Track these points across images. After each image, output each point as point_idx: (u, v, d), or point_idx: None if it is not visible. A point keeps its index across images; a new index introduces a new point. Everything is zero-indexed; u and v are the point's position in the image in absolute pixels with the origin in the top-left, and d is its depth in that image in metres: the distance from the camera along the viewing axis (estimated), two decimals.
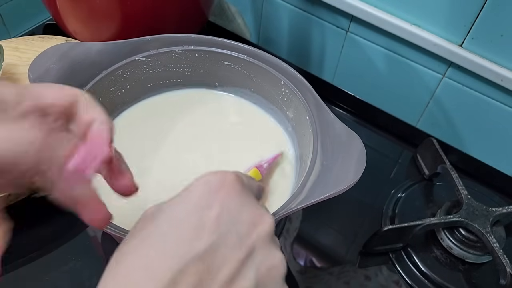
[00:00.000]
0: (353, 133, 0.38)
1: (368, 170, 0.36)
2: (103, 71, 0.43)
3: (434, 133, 0.61)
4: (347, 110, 0.66)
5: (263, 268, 0.22)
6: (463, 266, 0.50)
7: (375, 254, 0.50)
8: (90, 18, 0.55)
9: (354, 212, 0.54)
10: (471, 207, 0.50)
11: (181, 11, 0.57)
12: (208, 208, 0.21)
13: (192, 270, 0.19)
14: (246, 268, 0.21)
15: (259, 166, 0.42)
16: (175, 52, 0.46)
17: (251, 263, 0.21)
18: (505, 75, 0.53)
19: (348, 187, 0.34)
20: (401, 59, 0.62)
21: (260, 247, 0.22)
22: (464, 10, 0.53)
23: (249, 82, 0.48)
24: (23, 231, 0.47)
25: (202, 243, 0.20)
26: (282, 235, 0.51)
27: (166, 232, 0.21)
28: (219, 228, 0.21)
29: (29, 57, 0.57)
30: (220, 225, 0.21)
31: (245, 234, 0.22)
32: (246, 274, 0.21)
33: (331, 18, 0.65)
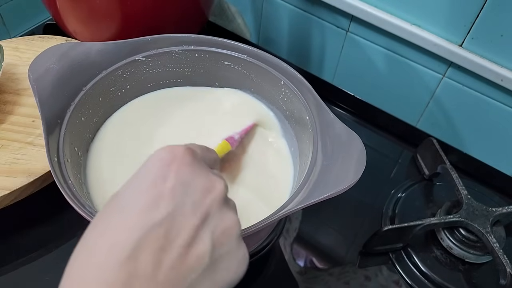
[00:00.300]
0: (353, 133, 0.38)
1: (368, 170, 0.36)
2: (103, 71, 0.43)
3: (434, 133, 0.61)
4: (347, 110, 0.66)
5: (218, 231, 0.23)
6: (463, 266, 0.50)
7: (375, 254, 0.50)
8: (90, 18, 0.55)
9: (354, 212, 0.54)
10: (471, 207, 0.50)
11: (181, 11, 0.57)
12: (163, 181, 0.23)
13: (152, 237, 0.21)
14: (201, 233, 0.22)
15: (230, 138, 0.42)
16: (175, 52, 0.46)
17: (206, 228, 0.23)
18: (505, 75, 0.53)
19: (348, 187, 0.34)
20: (401, 59, 0.62)
21: (214, 212, 0.23)
22: (464, 10, 0.53)
23: (249, 82, 0.48)
24: (23, 231, 0.47)
25: (160, 212, 0.22)
26: (282, 235, 0.51)
27: (126, 206, 0.22)
28: (174, 198, 0.22)
29: (29, 57, 0.57)
30: (175, 196, 0.22)
31: (199, 201, 0.23)
32: (202, 238, 0.22)
33: (331, 18, 0.65)
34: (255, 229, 0.32)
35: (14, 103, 0.53)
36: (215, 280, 0.23)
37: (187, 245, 0.21)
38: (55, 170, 0.35)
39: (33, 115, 0.52)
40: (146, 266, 0.20)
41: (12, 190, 0.44)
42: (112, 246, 0.20)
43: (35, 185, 0.46)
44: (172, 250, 0.21)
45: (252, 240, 0.39)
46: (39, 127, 0.50)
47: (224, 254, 0.23)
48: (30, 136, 0.50)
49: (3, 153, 0.48)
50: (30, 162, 0.47)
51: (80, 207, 0.32)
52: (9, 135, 0.50)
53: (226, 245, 0.23)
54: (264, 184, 0.43)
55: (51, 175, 0.36)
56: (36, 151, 0.48)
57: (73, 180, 0.36)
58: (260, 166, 0.45)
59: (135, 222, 0.21)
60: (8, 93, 0.54)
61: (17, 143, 0.49)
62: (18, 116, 0.52)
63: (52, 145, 0.36)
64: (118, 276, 0.20)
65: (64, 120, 0.39)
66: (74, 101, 0.41)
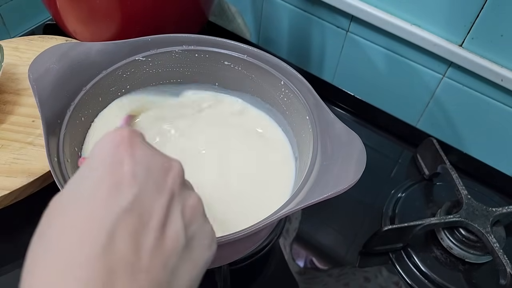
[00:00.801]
0: (353, 133, 0.38)
1: (368, 170, 0.36)
2: (103, 71, 0.43)
3: (434, 133, 0.61)
4: (347, 110, 0.66)
5: (186, 209, 0.22)
6: (463, 266, 0.50)
7: (375, 254, 0.50)
8: (90, 18, 0.55)
9: (354, 212, 0.54)
10: (471, 207, 0.50)
11: (181, 11, 0.57)
12: (120, 164, 0.21)
13: (125, 223, 0.19)
14: (172, 212, 0.21)
15: None
16: (175, 52, 0.46)
17: (175, 206, 0.22)
18: (505, 75, 0.53)
19: (348, 187, 0.34)
20: (401, 59, 0.62)
21: (178, 190, 0.23)
22: (464, 10, 0.53)
23: (249, 82, 0.48)
24: (23, 231, 0.47)
25: (126, 197, 0.20)
26: (282, 235, 0.51)
27: (89, 197, 0.20)
28: (136, 179, 0.21)
29: (29, 57, 0.57)
30: (136, 177, 0.21)
31: (161, 181, 0.22)
32: (173, 217, 0.21)
33: (331, 18, 0.65)
34: (255, 229, 0.32)
35: (14, 103, 0.53)
36: (194, 260, 0.22)
37: (161, 226, 0.20)
38: (55, 170, 0.35)
39: (33, 115, 0.52)
40: (125, 253, 0.19)
41: (12, 190, 0.44)
42: (82, 239, 0.18)
43: (35, 185, 0.46)
44: (148, 233, 0.20)
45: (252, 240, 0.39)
46: (39, 127, 0.50)
47: (196, 231, 0.23)
48: (30, 136, 0.50)
49: (3, 153, 0.48)
50: (30, 162, 0.47)
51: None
52: (9, 135, 0.50)
53: (195, 222, 0.23)
54: (264, 184, 0.43)
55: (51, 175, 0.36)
56: (36, 151, 0.48)
57: None
58: (260, 166, 0.45)
59: (101, 211, 0.19)
60: (8, 93, 0.54)
61: (17, 143, 0.49)
62: (18, 116, 0.52)
63: (52, 145, 0.36)
64: (97, 270, 0.18)
65: (64, 120, 0.39)
66: (74, 101, 0.41)
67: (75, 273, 0.18)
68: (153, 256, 0.19)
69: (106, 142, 0.23)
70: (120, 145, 0.22)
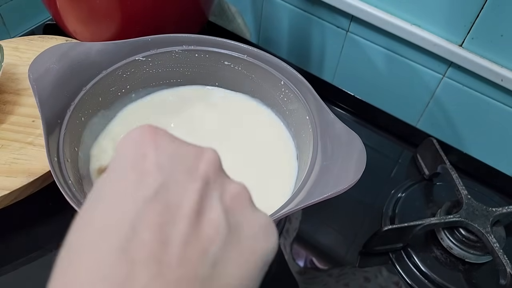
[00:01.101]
0: (353, 133, 0.38)
1: (368, 170, 0.36)
2: (103, 71, 0.43)
3: (434, 133, 0.61)
4: (347, 110, 0.66)
5: (226, 196, 0.20)
6: (463, 266, 0.50)
7: (375, 254, 0.50)
8: (90, 18, 0.55)
9: (354, 212, 0.54)
10: (471, 207, 0.50)
11: (181, 11, 0.57)
12: (143, 157, 0.20)
13: (149, 213, 0.17)
14: (208, 198, 0.19)
15: None
16: (175, 52, 0.46)
17: (212, 192, 0.19)
18: (505, 75, 0.53)
19: (348, 187, 0.34)
20: (401, 59, 0.62)
21: (214, 176, 0.20)
22: (464, 10, 0.53)
23: (249, 82, 0.48)
24: (23, 231, 0.47)
25: (150, 187, 0.18)
26: (282, 235, 0.51)
27: (111, 194, 0.19)
28: (162, 169, 0.19)
29: (29, 57, 0.57)
30: (162, 166, 0.19)
31: (193, 167, 0.20)
32: (211, 203, 0.19)
33: (331, 18, 0.65)
34: None
35: (14, 103, 0.53)
36: (244, 250, 0.19)
37: (195, 212, 0.18)
38: (55, 170, 0.35)
39: (33, 115, 0.52)
40: (149, 247, 0.16)
41: (12, 190, 0.44)
42: (102, 236, 0.17)
43: (35, 185, 0.46)
44: (179, 222, 0.17)
45: None
46: (39, 127, 0.50)
47: (243, 221, 0.20)
48: (30, 136, 0.50)
49: (3, 153, 0.48)
50: (30, 162, 0.47)
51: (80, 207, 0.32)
52: (9, 135, 0.50)
53: (240, 212, 0.20)
54: (264, 184, 0.43)
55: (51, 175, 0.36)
56: (36, 151, 0.48)
57: (73, 180, 0.36)
58: (259, 166, 0.45)
59: (124, 205, 0.18)
60: (8, 93, 0.54)
61: (17, 143, 0.49)
62: (18, 116, 0.52)
63: (52, 145, 0.36)
64: (117, 267, 0.16)
65: (64, 120, 0.39)
66: (74, 101, 0.41)
67: (98, 271, 0.16)
68: (187, 247, 0.17)
69: (127, 139, 0.21)
70: (143, 139, 0.20)
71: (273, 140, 0.47)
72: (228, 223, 0.19)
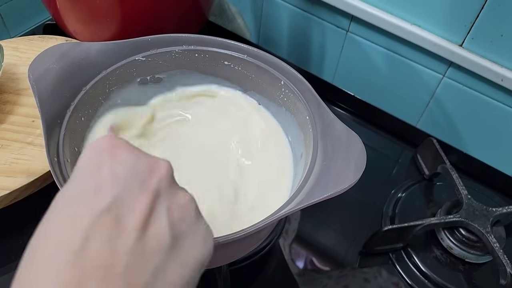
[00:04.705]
0: (353, 133, 0.38)
1: (368, 170, 0.36)
2: (103, 71, 0.43)
3: (434, 133, 0.61)
4: (347, 110, 0.66)
5: (174, 208, 0.22)
6: (463, 266, 0.50)
7: (375, 254, 0.50)
8: (90, 18, 0.55)
9: (354, 212, 0.54)
10: (471, 207, 0.50)
11: (181, 11, 0.57)
12: (101, 168, 0.21)
13: (101, 225, 0.19)
14: (156, 211, 0.21)
15: None
16: (175, 52, 0.46)
17: (160, 206, 0.21)
18: (505, 75, 0.53)
19: (348, 187, 0.34)
20: (401, 59, 0.62)
21: (165, 190, 0.22)
22: (464, 10, 0.53)
23: (249, 82, 0.48)
24: (23, 231, 0.47)
25: (104, 199, 0.20)
26: (282, 235, 0.51)
27: (70, 202, 0.21)
28: (117, 182, 0.21)
29: (29, 57, 0.57)
30: (117, 179, 0.21)
31: (145, 180, 0.22)
32: (158, 217, 0.21)
33: (331, 18, 0.65)
34: (255, 229, 0.32)
35: (14, 103, 0.53)
36: (183, 260, 0.21)
37: (141, 226, 0.20)
38: (55, 170, 0.35)
39: (33, 115, 0.52)
40: (99, 257, 0.18)
41: (12, 190, 0.44)
42: (58, 244, 0.19)
43: (35, 185, 0.46)
44: (126, 234, 0.19)
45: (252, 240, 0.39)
46: (39, 127, 0.50)
47: (185, 231, 0.22)
48: (30, 136, 0.50)
49: (3, 153, 0.48)
50: (30, 162, 0.47)
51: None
52: (9, 135, 0.50)
53: (184, 222, 0.22)
54: (264, 184, 0.43)
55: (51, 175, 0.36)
56: (36, 151, 0.48)
57: None
58: (259, 166, 0.45)
59: (79, 214, 0.20)
60: (8, 93, 0.54)
61: (17, 143, 0.49)
62: (18, 116, 0.52)
63: (52, 145, 0.36)
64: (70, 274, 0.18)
65: (64, 120, 0.39)
66: (74, 101, 0.41)
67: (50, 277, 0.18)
68: (132, 257, 0.19)
69: (89, 150, 0.23)
70: (102, 151, 0.22)
71: (273, 140, 0.47)
72: (172, 234, 0.21)
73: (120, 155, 0.22)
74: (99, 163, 0.22)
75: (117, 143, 0.23)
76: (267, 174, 0.44)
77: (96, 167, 0.22)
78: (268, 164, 0.45)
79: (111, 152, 0.22)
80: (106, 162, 0.22)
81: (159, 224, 0.20)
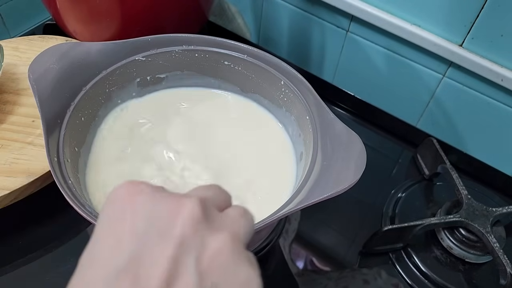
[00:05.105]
0: (353, 133, 0.38)
1: (368, 170, 0.36)
2: (103, 71, 0.43)
3: (434, 133, 0.61)
4: (347, 110, 0.66)
5: (205, 256, 0.19)
6: (463, 266, 0.50)
7: (375, 254, 0.50)
8: (90, 18, 0.55)
9: (354, 212, 0.54)
10: (471, 207, 0.50)
11: (181, 11, 0.57)
12: (121, 221, 0.20)
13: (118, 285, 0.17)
14: (181, 262, 0.18)
15: None
16: (175, 52, 0.46)
17: (187, 254, 0.19)
18: (505, 75, 0.53)
19: (348, 187, 0.34)
20: (401, 59, 0.62)
21: (191, 234, 0.19)
22: (464, 10, 0.53)
23: (249, 82, 0.48)
24: (23, 231, 0.47)
25: (122, 256, 0.18)
26: (282, 235, 0.51)
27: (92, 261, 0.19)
28: (136, 235, 0.19)
29: (29, 57, 0.57)
30: (136, 232, 0.19)
31: (167, 228, 0.19)
32: (184, 269, 0.18)
33: (331, 18, 0.65)
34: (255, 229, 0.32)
35: (14, 103, 0.53)
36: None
37: (166, 281, 0.18)
38: (55, 170, 0.35)
39: (33, 115, 0.52)
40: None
41: (12, 190, 0.44)
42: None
43: (35, 185, 0.46)
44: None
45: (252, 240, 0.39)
46: (39, 127, 0.50)
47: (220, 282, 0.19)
48: (30, 136, 0.50)
49: (3, 153, 0.48)
50: (30, 162, 0.47)
51: (80, 207, 0.32)
52: (9, 135, 0.50)
53: (218, 272, 0.19)
54: (264, 184, 0.43)
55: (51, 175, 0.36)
56: (36, 151, 0.48)
57: (73, 180, 0.36)
58: (259, 166, 0.45)
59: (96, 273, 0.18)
60: (8, 93, 0.54)
61: (17, 143, 0.49)
62: (18, 116, 0.52)
63: (52, 145, 0.36)
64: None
65: (64, 120, 0.39)
66: (74, 101, 0.41)
67: None
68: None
69: (110, 199, 0.21)
70: (123, 200, 0.21)
71: (272, 140, 0.47)
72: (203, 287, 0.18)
73: (140, 203, 0.20)
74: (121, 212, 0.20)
75: (135, 190, 0.21)
76: (267, 174, 0.44)
77: (118, 219, 0.20)
78: (268, 164, 0.45)
79: (131, 202, 0.20)
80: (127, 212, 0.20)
81: (187, 277, 0.18)
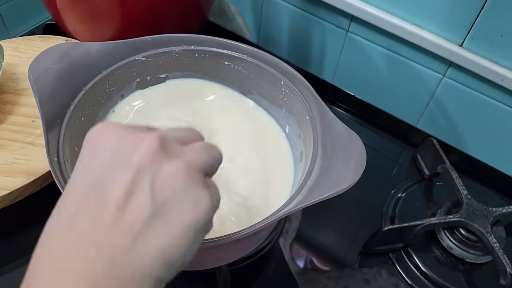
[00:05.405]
0: (353, 133, 0.38)
1: (368, 170, 0.36)
2: (103, 71, 0.43)
3: (434, 133, 0.61)
4: (347, 110, 0.66)
5: (158, 179, 0.23)
6: (463, 266, 0.50)
7: (375, 254, 0.50)
8: (90, 18, 0.55)
9: (354, 212, 0.54)
10: (471, 207, 0.50)
11: (181, 11, 0.57)
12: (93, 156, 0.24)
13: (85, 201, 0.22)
14: (137, 184, 0.22)
15: None
16: (175, 52, 0.46)
17: (143, 179, 0.23)
18: (505, 75, 0.53)
19: (348, 187, 0.34)
20: (401, 59, 0.62)
21: (148, 162, 0.23)
22: (464, 10, 0.53)
23: (249, 82, 0.48)
24: (23, 231, 0.47)
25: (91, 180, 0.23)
26: (282, 235, 0.51)
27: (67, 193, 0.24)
28: (103, 164, 0.23)
29: (29, 57, 0.57)
30: (104, 162, 0.23)
31: (128, 157, 0.23)
32: (140, 188, 0.22)
33: (331, 18, 0.65)
34: (255, 229, 0.32)
35: (14, 103, 0.53)
36: (168, 225, 0.22)
37: (123, 200, 0.22)
38: (55, 170, 0.35)
39: (33, 115, 0.52)
40: (83, 228, 0.21)
41: (12, 190, 0.44)
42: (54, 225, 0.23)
43: (35, 185, 0.46)
44: (108, 207, 0.22)
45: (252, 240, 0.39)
46: (39, 127, 0.50)
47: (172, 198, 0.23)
48: (30, 136, 0.50)
49: (3, 153, 0.48)
50: (30, 162, 0.47)
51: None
52: (9, 135, 0.50)
53: (168, 191, 0.23)
54: (264, 184, 0.43)
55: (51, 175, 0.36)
56: (36, 151, 0.48)
57: None
58: (259, 166, 0.45)
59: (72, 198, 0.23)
60: (8, 93, 0.54)
61: (17, 143, 0.49)
62: (18, 116, 0.52)
63: (52, 145, 0.36)
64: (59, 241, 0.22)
65: (64, 120, 0.39)
66: (74, 101, 0.41)
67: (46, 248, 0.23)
68: (112, 225, 0.21)
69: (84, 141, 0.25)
70: (93, 139, 0.25)
71: (272, 140, 0.47)
72: (154, 202, 0.22)
73: (108, 140, 0.24)
74: (94, 148, 0.24)
75: (106, 129, 0.25)
76: (267, 174, 0.44)
77: (88, 156, 0.24)
78: (268, 164, 0.45)
79: (101, 139, 0.24)
80: (99, 147, 0.24)
81: (141, 195, 0.22)
